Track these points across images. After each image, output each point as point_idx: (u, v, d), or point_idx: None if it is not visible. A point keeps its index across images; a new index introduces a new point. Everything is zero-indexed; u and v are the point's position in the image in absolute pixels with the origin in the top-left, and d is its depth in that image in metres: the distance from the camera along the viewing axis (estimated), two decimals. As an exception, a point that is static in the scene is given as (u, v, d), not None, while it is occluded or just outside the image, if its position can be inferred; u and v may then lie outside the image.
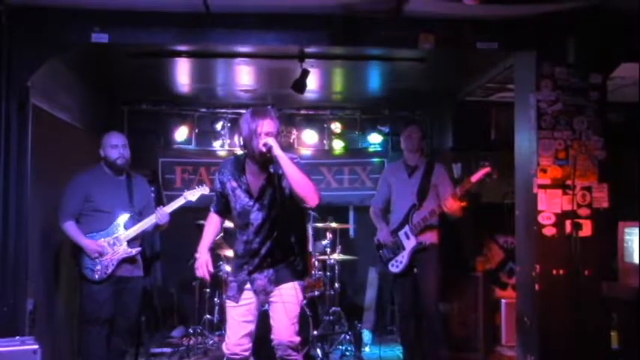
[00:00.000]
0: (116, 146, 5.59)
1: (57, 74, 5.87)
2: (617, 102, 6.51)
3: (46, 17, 5.01)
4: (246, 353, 4.37)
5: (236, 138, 5.52)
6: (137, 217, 5.66)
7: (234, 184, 4.36)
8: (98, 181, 5.61)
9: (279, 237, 4.31)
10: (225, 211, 4.55)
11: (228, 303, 4.42)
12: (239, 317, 4.35)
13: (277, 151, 4.10)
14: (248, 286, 4.33)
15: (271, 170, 4.25)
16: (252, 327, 4.39)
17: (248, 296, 4.34)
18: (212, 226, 4.61)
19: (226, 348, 4.38)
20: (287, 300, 4.28)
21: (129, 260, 5.59)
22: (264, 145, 4.11)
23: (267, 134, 4.15)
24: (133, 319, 5.78)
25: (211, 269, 4.46)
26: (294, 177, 4.11)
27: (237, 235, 4.44)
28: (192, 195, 5.98)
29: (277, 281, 4.31)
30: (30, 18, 4.99)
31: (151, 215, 5.68)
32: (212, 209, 4.62)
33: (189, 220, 7.68)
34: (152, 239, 7.44)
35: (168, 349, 7.26)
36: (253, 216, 4.31)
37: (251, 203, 4.31)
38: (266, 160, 4.21)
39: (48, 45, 5.09)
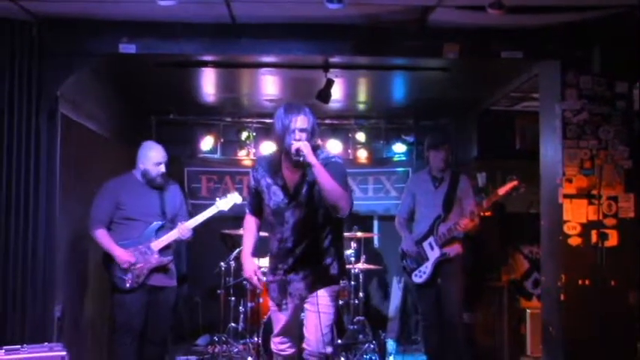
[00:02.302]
0: (159, 164, 5.58)
1: (85, 84, 5.94)
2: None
3: (75, 28, 5.09)
4: (292, 350, 4.41)
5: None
6: (169, 224, 5.62)
7: (270, 180, 4.25)
8: (130, 188, 5.58)
9: (314, 237, 4.20)
10: (260, 212, 4.43)
11: (272, 305, 4.40)
12: (282, 320, 4.36)
13: (310, 158, 3.96)
14: (287, 289, 4.26)
15: (307, 175, 4.14)
16: (296, 328, 4.40)
17: (288, 301, 4.30)
18: (250, 231, 4.49)
19: (273, 344, 4.43)
20: (321, 310, 4.20)
21: (161, 269, 5.56)
22: (297, 150, 3.98)
23: (302, 131, 4.02)
24: (165, 329, 5.78)
25: (261, 277, 4.39)
26: (325, 186, 3.97)
27: (271, 234, 4.34)
28: (225, 204, 5.90)
29: (313, 287, 4.22)
30: (59, 29, 5.06)
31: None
32: (247, 211, 4.51)
33: (215, 229, 7.75)
34: (179, 260, 7.50)
35: (193, 357, 7.32)
36: (288, 213, 4.20)
37: (286, 201, 4.20)
38: (299, 164, 4.07)
39: (77, 56, 5.15)
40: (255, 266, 4.42)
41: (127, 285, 5.43)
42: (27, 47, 4.99)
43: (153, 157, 5.60)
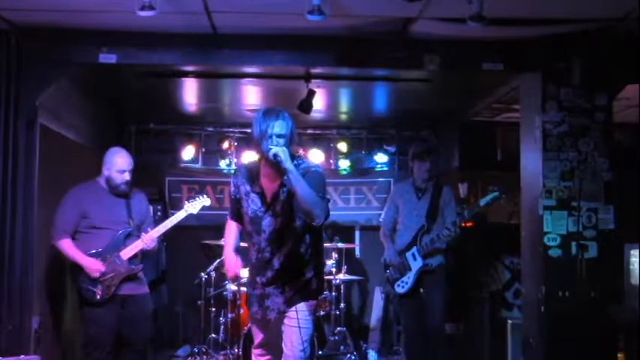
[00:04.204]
0: (123, 171, 5.38)
1: (65, 93, 5.90)
2: (630, 123, 6.52)
3: (55, 38, 5.05)
4: None
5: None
6: (136, 232, 5.45)
7: (248, 187, 4.20)
8: (94, 196, 5.39)
9: (292, 248, 4.15)
10: (241, 217, 4.34)
11: (251, 318, 4.41)
12: (261, 334, 4.34)
13: (287, 164, 3.91)
14: (265, 303, 4.21)
15: (285, 178, 4.06)
16: (276, 341, 4.31)
17: (267, 314, 4.26)
18: (231, 231, 4.39)
19: (254, 356, 4.41)
20: (300, 324, 4.14)
21: (131, 278, 5.38)
22: (274, 155, 3.93)
23: (279, 136, 3.98)
24: (146, 336, 5.60)
25: (240, 267, 4.30)
26: (299, 191, 3.92)
27: (250, 244, 4.28)
28: (194, 207, 5.80)
29: (291, 301, 4.17)
30: (39, 39, 5.02)
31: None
32: (229, 216, 4.44)
33: (195, 239, 7.73)
34: (157, 257, 7.46)
35: (173, 368, 7.28)
36: (265, 222, 4.15)
37: (263, 209, 4.15)
38: (277, 168, 4.02)
39: (56, 65, 5.12)
40: (236, 259, 4.32)
41: (98, 297, 5.24)
42: (5, 57, 4.93)
43: (117, 163, 5.39)
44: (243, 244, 4.49)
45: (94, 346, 5.28)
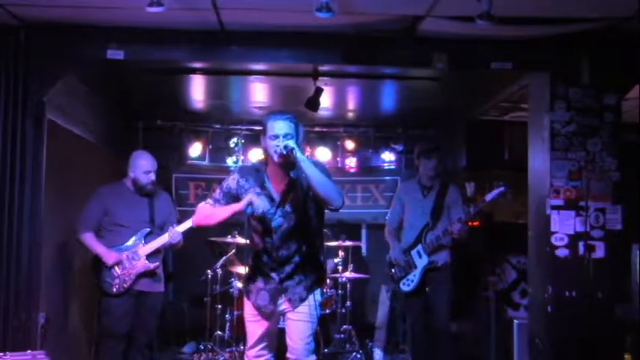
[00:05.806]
0: (149, 172, 5.63)
1: (73, 89, 5.91)
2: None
3: (63, 33, 5.05)
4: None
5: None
6: (158, 232, 5.66)
7: (258, 190, 4.23)
8: (119, 195, 5.64)
9: (306, 243, 4.24)
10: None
11: (250, 315, 4.38)
12: (262, 328, 4.33)
13: (299, 154, 3.99)
14: (282, 298, 4.25)
15: (292, 176, 4.16)
16: (274, 338, 4.40)
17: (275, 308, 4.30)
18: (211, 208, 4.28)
19: (247, 359, 4.41)
20: (306, 319, 4.23)
21: (149, 275, 5.58)
22: (285, 147, 3.99)
23: (286, 136, 4.06)
24: (151, 334, 5.81)
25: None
26: (317, 179, 4.00)
27: (258, 241, 4.30)
28: None
29: (311, 289, 4.25)
30: (47, 34, 5.03)
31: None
32: (209, 202, 4.29)
33: (201, 236, 7.70)
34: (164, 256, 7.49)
35: (179, 365, 7.29)
36: (276, 222, 4.21)
37: (273, 210, 4.20)
38: (287, 164, 4.11)
39: (64, 61, 5.13)
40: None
41: (114, 289, 5.44)
42: (14, 52, 4.95)
43: (142, 165, 5.65)
44: (240, 241, 4.49)
45: (107, 335, 5.52)
